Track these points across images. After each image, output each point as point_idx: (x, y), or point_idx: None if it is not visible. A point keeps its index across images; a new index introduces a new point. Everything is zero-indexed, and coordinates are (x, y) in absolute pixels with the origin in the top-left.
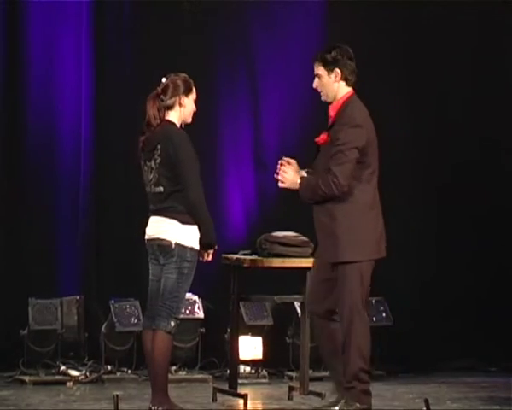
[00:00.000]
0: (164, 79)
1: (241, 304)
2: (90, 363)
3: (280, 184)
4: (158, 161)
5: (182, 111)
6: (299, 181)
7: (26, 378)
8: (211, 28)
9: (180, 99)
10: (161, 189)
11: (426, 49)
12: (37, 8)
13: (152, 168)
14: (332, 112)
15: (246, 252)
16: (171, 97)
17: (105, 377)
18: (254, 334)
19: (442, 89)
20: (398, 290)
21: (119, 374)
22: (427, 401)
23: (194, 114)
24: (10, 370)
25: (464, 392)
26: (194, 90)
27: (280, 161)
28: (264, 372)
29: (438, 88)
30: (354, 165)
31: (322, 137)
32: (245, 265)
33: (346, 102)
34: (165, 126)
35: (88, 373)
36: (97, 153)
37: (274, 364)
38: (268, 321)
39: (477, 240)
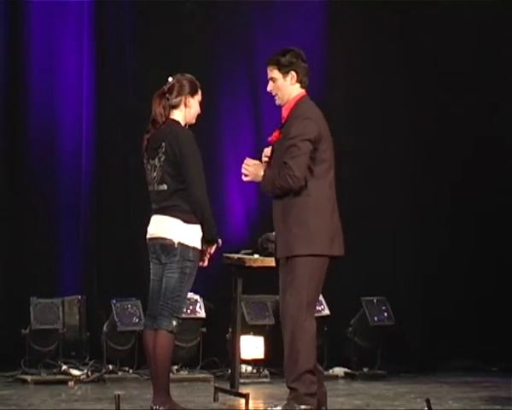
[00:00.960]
0: (170, 79)
1: (242, 304)
2: (91, 363)
3: (243, 178)
4: (162, 159)
5: (187, 111)
6: (262, 174)
7: (28, 378)
8: (212, 28)
9: (186, 99)
10: (165, 187)
11: (427, 48)
12: (39, 9)
13: (155, 166)
14: (285, 113)
15: (247, 252)
16: (176, 97)
17: (106, 376)
18: (256, 333)
19: (443, 89)
20: (400, 290)
21: (120, 374)
22: (428, 401)
23: (198, 115)
24: (12, 369)
25: (466, 392)
26: (199, 91)
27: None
28: (266, 372)
29: (438, 88)
30: (308, 157)
31: (275, 135)
32: (246, 264)
33: (298, 102)
34: (170, 125)
35: (89, 373)
36: (98, 153)
37: (275, 363)
38: (269, 321)
39: (478, 240)
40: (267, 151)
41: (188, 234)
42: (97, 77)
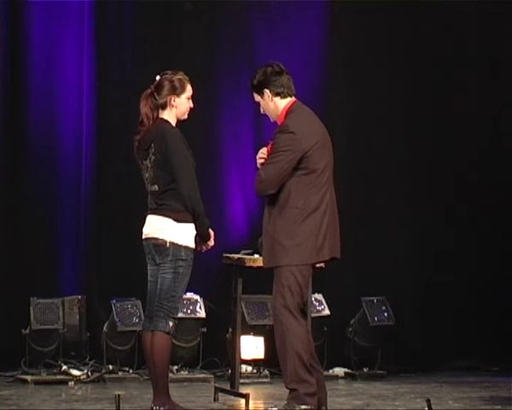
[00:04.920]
0: (157, 77)
1: (242, 304)
2: (91, 363)
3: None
4: (152, 159)
5: (173, 110)
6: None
7: (28, 378)
8: (212, 29)
9: (171, 99)
10: (156, 187)
11: (428, 48)
12: (39, 9)
13: (148, 167)
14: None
15: (247, 252)
16: (163, 97)
17: (106, 376)
18: (256, 333)
19: (445, 88)
20: (400, 290)
21: (120, 374)
22: (428, 401)
23: (192, 110)
24: (12, 369)
25: (466, 392)
26: (188, 87)
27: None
28: (266, 372)
29: (440, 88)
30: (285, 168)
31: (268, 149)
32: (246, 264)
33: (287, 113)
34: (158, 125)
35: (89, 373)
36: (99, 153)
37: (276, 363)
38: (269, 321)
39: (479, 240)
40: (263, 150)
41: (179, 233)
42: (97, 77)
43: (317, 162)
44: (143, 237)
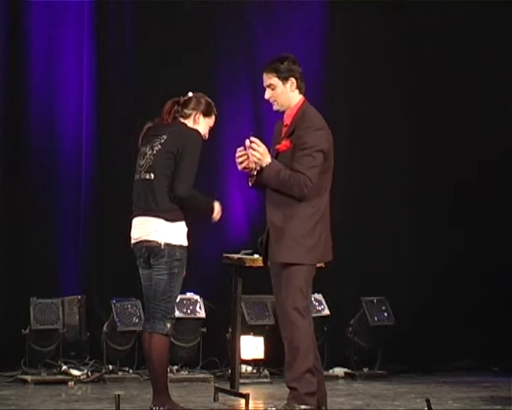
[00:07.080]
0: (190, 93)
1: (242, 304)
2: (91, 363)
3: (251, 157)
4: (156, 149)
5: (195, 127)
6: (268, 160)
7: (28, 378)
8: (212, 28)
9: (197, 115)
10: (151, 176)
11: (428, 48)
12: (39, 9)
13: (145, 154)
14: (287, 120)
15: (247, 252)
16: (189, 109)
17: (106, 376)
18: (256, 334)
19: (445, 88)
20: (400, 290)
21: (120, 374)
22: (428, 401)
23: (204, 141)
24: (12, 369)
25: (466, 392)
26: (213, 116)
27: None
28: (266, 372)
29: (440, 87)
30: (320, 168)
31: (285, 144)
32: (246, 264)
33: (301, 109)
34: (179, 124)
35: (89, 373)
36: (99, 154)
37: (275, 363)
38: (269, 321)
39: (479, 240)
40: (240, 152)
41: (173, 233)
42: (97, 77)
43: (330, 162)
44: (133, 241)
